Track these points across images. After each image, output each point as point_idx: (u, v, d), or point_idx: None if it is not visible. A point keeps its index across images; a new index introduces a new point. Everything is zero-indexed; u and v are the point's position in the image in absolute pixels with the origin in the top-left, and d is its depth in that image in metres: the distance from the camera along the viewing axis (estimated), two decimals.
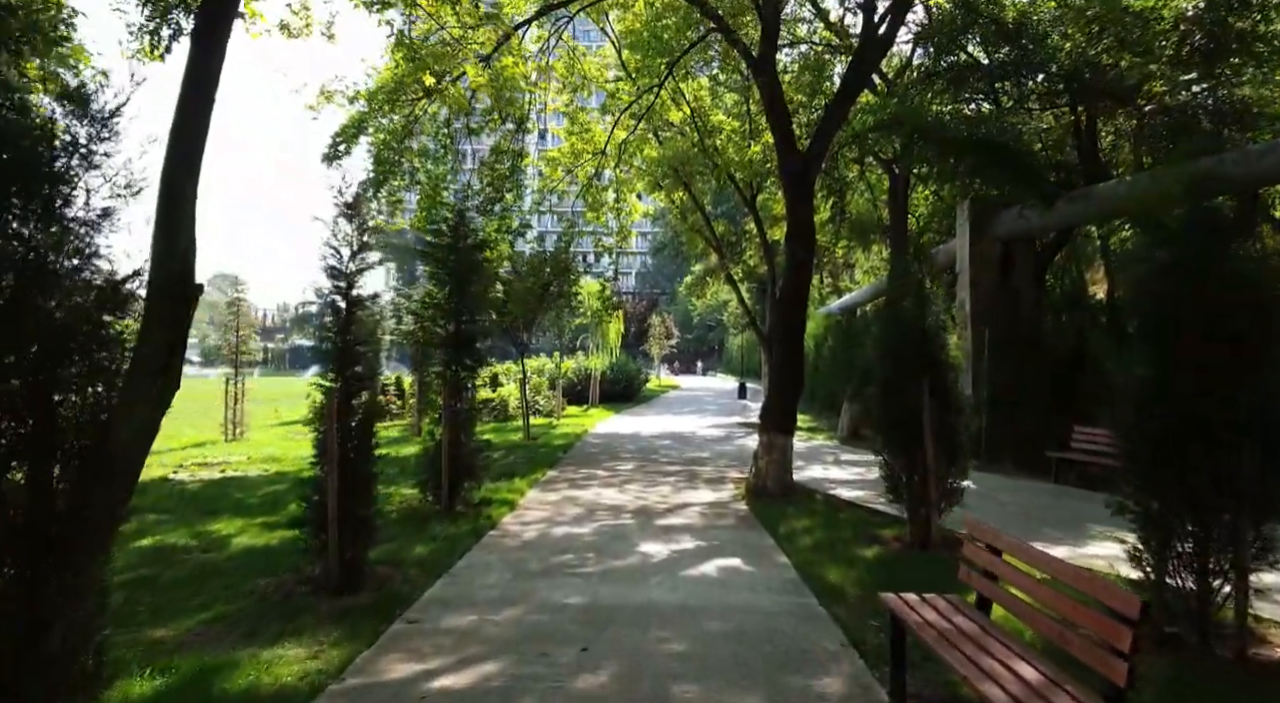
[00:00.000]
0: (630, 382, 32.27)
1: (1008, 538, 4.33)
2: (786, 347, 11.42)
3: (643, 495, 10.77)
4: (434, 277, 9.46)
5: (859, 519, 9.40)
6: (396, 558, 7.03)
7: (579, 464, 13.83)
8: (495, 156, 15.83)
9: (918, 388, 7.81)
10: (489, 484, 10.96)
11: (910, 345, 8.02)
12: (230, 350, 17.60)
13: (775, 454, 10.98)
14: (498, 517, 9.03)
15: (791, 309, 11.47)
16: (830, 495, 11.00)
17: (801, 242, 11.63)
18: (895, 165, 20.41)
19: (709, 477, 12.68)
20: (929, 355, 7.96)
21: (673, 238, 44.87)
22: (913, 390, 7.85)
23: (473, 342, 9.52)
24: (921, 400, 7.77)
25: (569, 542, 7.91)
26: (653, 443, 17.61)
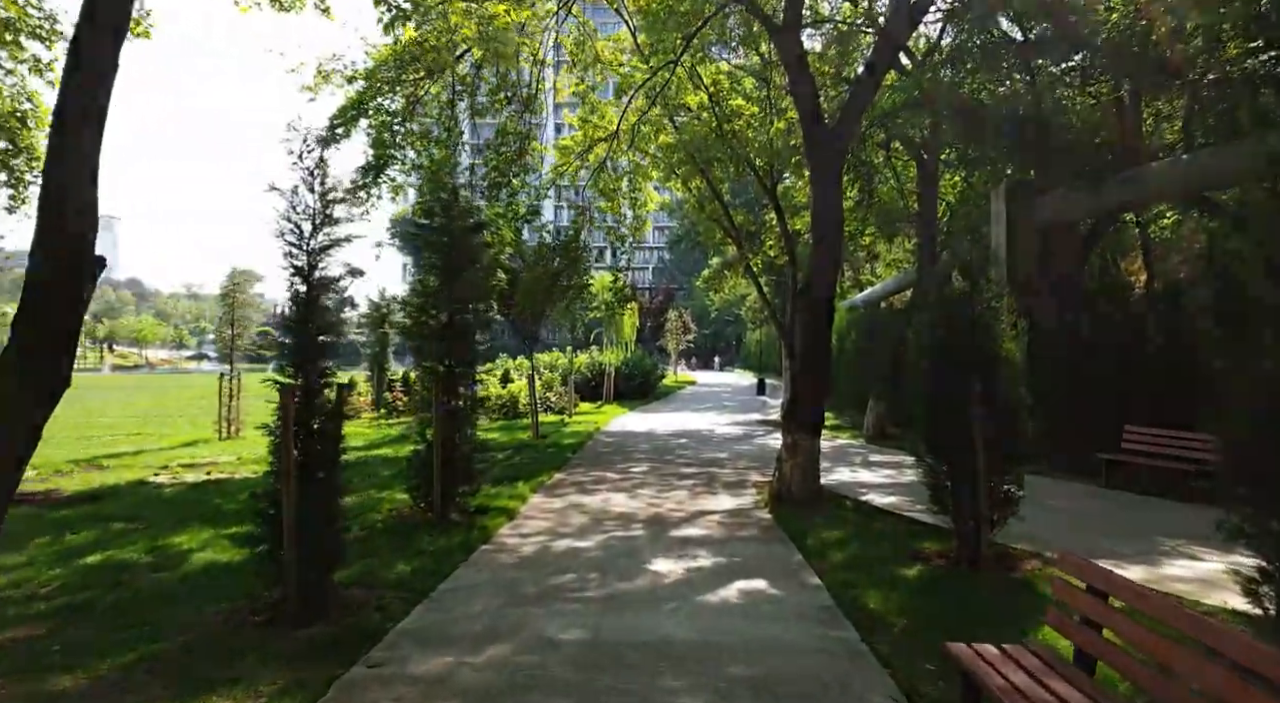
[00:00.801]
0: (646, 377, 31.35)
1: (1118, 577, 3.37)
2: (812, 338, 10.47)
3: (656, 502, 9.87)
4: (425, 262, 8.60)
5: (896, 531, 8.44)
6: (373, 578, 6.18)
7: (589, 466, 12.94)
8: (501, 139, 14.95)
9: (967, 386, 6.85)
10: (489, 489, 10.11)
11: (958, 338, 7.06)
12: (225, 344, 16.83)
13: (801, 457, 10.04)
14: (494, 528, 8.16)
15: (818, 297, 10.51)
16: (861, 502, 10.06)
17: (828, 225, 10.67)
18: (924, 150, 19.39)
19: (728, 480, 11.76)
20: (980, 349, 6.99)
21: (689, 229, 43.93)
22: (961, 389, 6.89)
23: (467, 333, 8.65)
24: (971, 400, 6.82)
25: (571, 559, 7.02)
26: (668, 442, 16.70)
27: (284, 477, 5.11)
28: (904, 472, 13.00)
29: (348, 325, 5.20)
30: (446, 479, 8.36)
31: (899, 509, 9.49)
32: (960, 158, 17.53)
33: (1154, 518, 9.04)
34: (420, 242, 8.57)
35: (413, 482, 8.57)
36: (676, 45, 15.03)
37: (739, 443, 16.87)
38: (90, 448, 14.73)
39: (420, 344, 8.64)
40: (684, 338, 47.88)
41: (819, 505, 9.69)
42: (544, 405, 22.98)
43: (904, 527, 8.67)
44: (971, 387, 6.83)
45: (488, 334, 11.28)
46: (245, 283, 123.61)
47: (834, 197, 10.85)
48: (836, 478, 11.75)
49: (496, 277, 11.46)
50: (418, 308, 8.65)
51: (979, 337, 7.04)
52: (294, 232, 5.36)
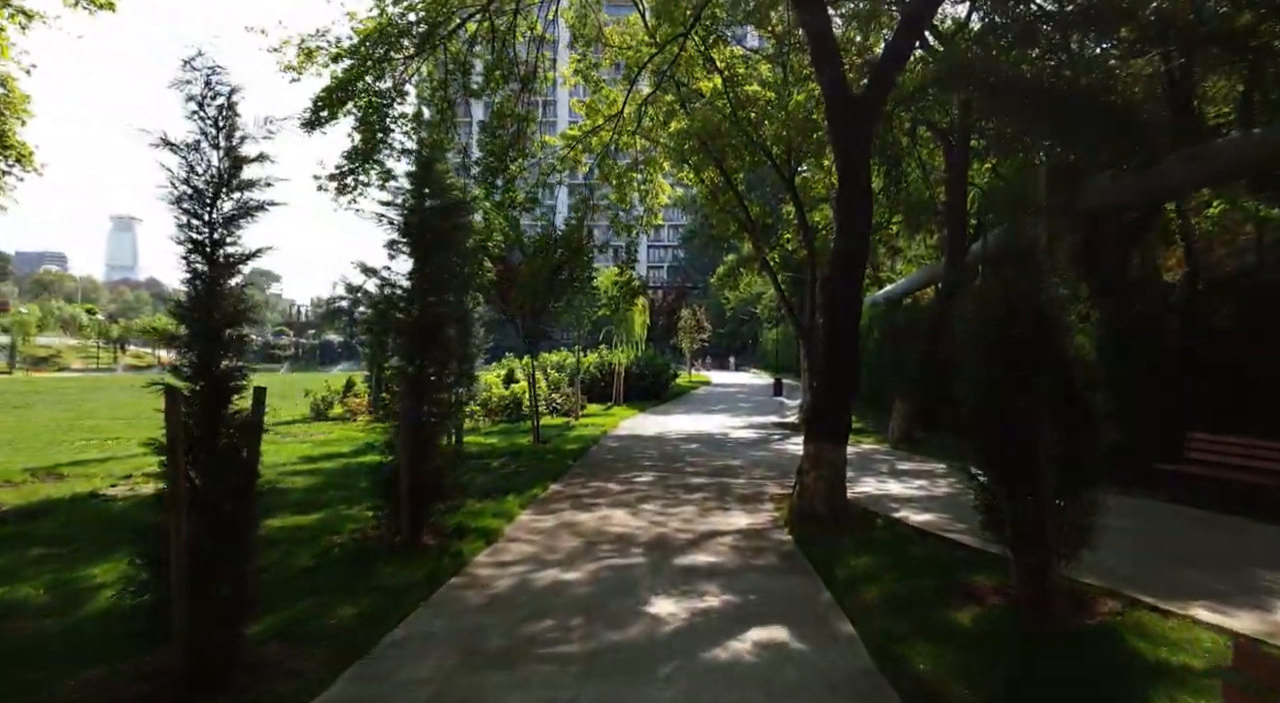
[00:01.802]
0: (658, 377, 30.16)
1: None
2: (837, 336, 9.27)
3: (660, 520, 8.70)
4: (391, 245, 7.48)
5: (938, 558, 7.23)
6: (303, 628, 5.04)
7: (589, 476, 11.79)
8: (497, 121, 13.82)
9: (1031, 390, 5.65)
10: (473, 504, 9.01)
11: (1021, 333, 5.85)
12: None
13: (825, 469, 8.85)
14: (470, 554, 7.03)
15: (843, 287, 9.31)
16: (893, 519, 8.86)
17: (855, 206, 9.47)
18: (952, 136, 18.12)
19: (742, 492, 10.58)
20: (1047, 347, 5.78)
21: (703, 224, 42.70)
22: (1024, 394, 5.69)
23: (439, 327, 7.52)
24: (1036, 410, 5.62)
25: (553, 597, 5.86)
26: (678, 448, 15.53)
27: (171, 509, 3.98)
28: (936, 482, 11.80)
29: (256, 313, 4.11)
30: (417, 498, 7.24)
31: (939, 530, 8.28)
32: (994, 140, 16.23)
33: (1237, 542, 7.79)
34: (385, 222, 7.45)
35: (378, 500, 7.45)
36: (686, 18, 13.86)
37: (754, 449, 15.67)
38: (57, 454, 13.75)
39: (387, 341, 7.51)
40: (698, 337, 46.59)
41: (846, 525, 8.49)
42: (549, 407, 21.88)
43: (946, 552, 7.47)
44: (1037, 391, 5.64)
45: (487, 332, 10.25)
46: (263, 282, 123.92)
47: (859, 173, 9.64)
48: (862, 490, 10.55)
49: (483, 265, 10.27)
50: (384, 299, 7.52)
51: (1045, 330, 5.84)
52: (192, 197, 4.23)
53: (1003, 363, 5.91)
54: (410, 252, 7.51)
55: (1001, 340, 5.90)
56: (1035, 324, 5.83)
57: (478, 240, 9.77)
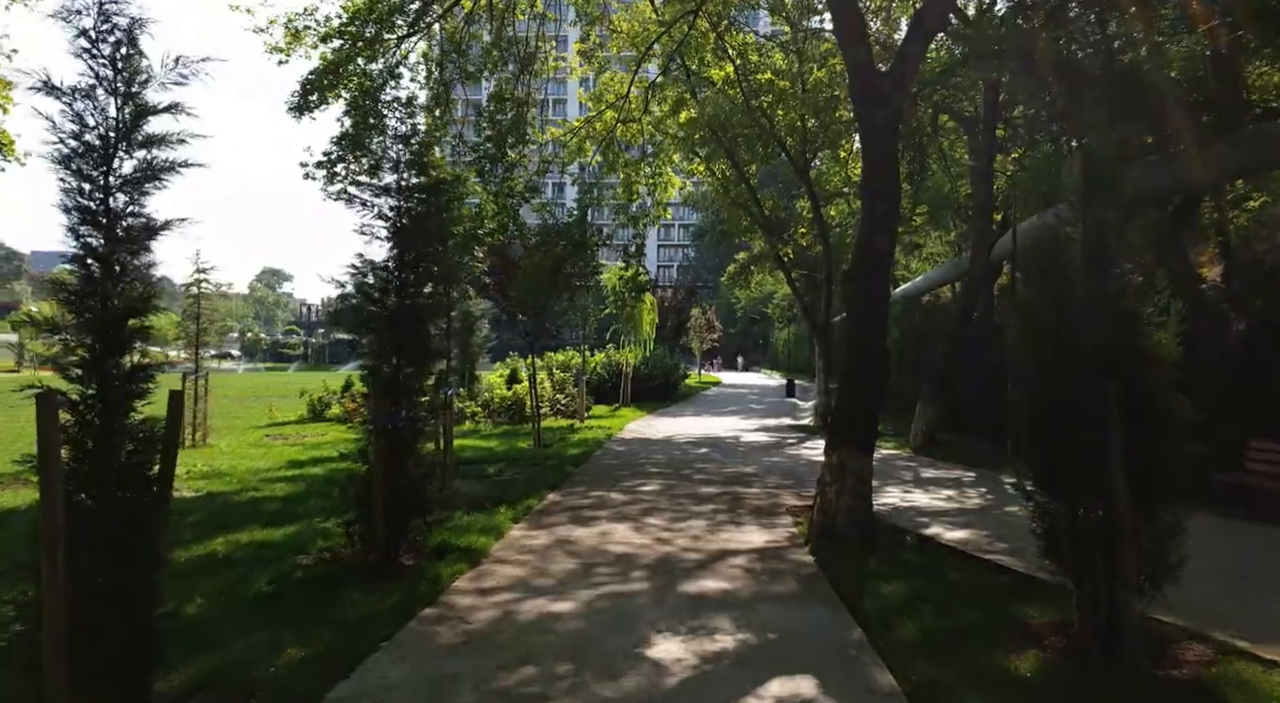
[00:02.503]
0: (667, 378, 29.31)
1: None
2: (862, 333, 8.41)
3: (666, 537, 7.86)
4: (364, 230, 6.67)
5: (981, 585, 6.38)
6: (239, 675, 4.22)
7: (590, 484, 10.96)
8: (496, 105, 12.99)
9: (1100, 395, 4.78)
10: (461, 517, 8.21)
11: (1086, 325, 4.99)
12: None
13: (850, 481, 7.98)
14: (450, 578, 6.20)
15: (868, 278, 8.44)
16: (924, 536, 8.01)
17: (882, 191, 8.60)
18: (977, 124, 17.21)
19: (757, 503, 9.73)
20: (1120, 344, 4.91)
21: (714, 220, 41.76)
22: (1091, 397, 4.83)
23: (419, 321, 6.70)
24: (1107, 415, 4.75)
25: (538, 634, 5.03)
26: (687, 453, 14.67)
27: (46, 543, 3.18)
28: (966, 492, 10.93)
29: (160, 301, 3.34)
30: (392, 513, 6.42)
31: (977, 550, 7.42)
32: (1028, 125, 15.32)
33: None
34: (358, 203, 6.64)
35: (349, 515, 6.64)
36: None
37: (768, 453, 14.80)
38: None
39: (360, 337, 6.70)
40: (708, 337, 45.72)
41: (874, 543, 7.63)
42: (553, 409, 21.08)
43: (989, 578, 6.61)
44: (1106, 395, 4.77)
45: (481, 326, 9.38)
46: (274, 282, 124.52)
47: (886, 155, 8.76)
48: (886, 501, 9.69)
49: (473, 254, 9.40)
50: (358, 289, 6.70)
51: (1117, 323, 4.97)
52: (83, 154, 3.42)
53: (1067, 362, 5.05)
54: (386, 236, 6.71)
55: (1065, 336, 5.04)
56: (1105, 317, 4.96)
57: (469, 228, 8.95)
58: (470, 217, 9.25)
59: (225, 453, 13.64)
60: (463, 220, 8.83)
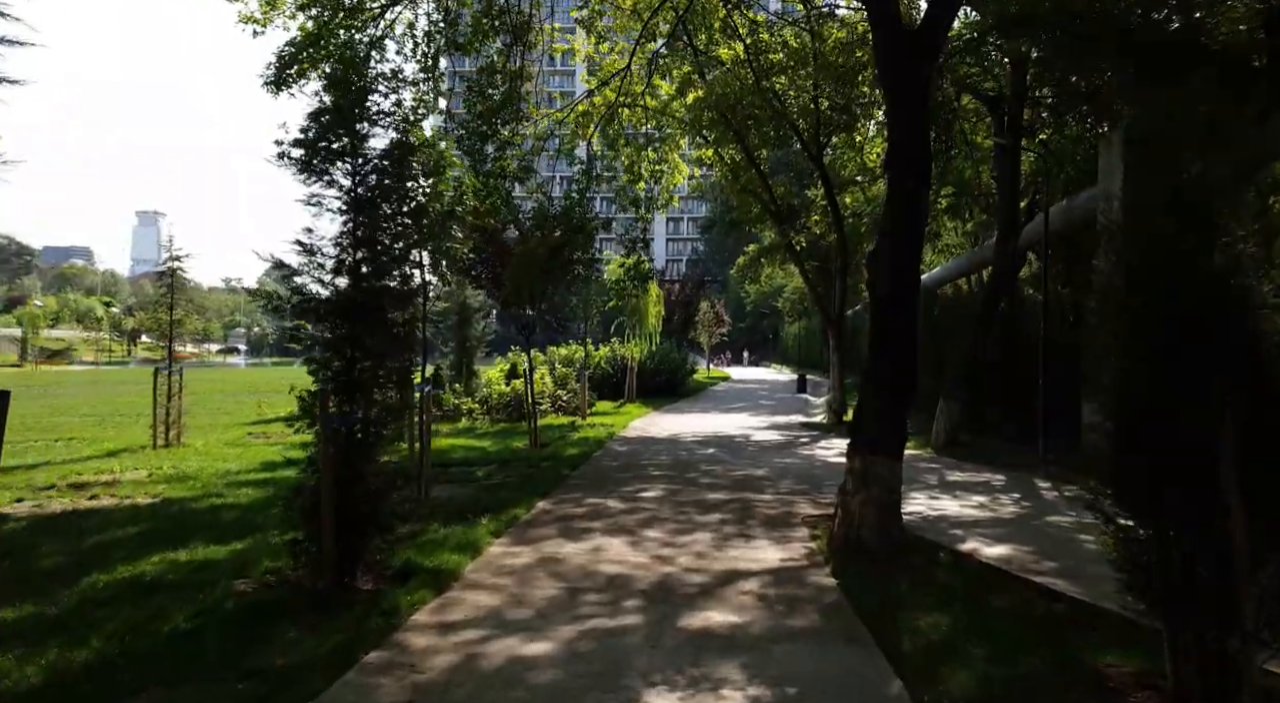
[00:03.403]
0: (674, 373, 28.33)
1: None
2: (890, 323, 7.43)
3: (666, 553, 6.91)
4: (313, 200, 5.72)
5: (1035, 615, 5.41)
6: None
7: (587, 489, 10.03)
8: (486, 78, 12.03)
9: (1207, 395, 3.80)
10: (436, 529, 7.30)
11: (1188, 307, 4.01)
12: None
13: (876, 489, 7.03)
14: (408, 608, 5.26)
15: (896, 260, 7.46)
16: (959, 552, 7.03)
17: (910, 165, 7.61)
18: (1003, 102, 16.12)
19: (769, 512, 8.76)
20: (1233, 330, 3.93)
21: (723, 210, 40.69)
22: (1194, 397, 3.85)
23: (378, 307, 5.76)
24: (1217, 419, 3.77)
25: (502, 691, 4.07)
26: (693, 453, 13.71)
27: None
28: (998, 499, 9.93)
29: None
30: (345, 530, 5.50)
31: (1023, 570, 6.44)
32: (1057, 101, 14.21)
33: None
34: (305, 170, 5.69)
35: (294, 535, 5.71)
36: None
37: (780, 454, 13.82)
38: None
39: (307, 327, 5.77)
40: (717, 331, 44.71)
41: (904, 561, 6.68)
42: (554, 406, 20.15)
43: (1042, 605, 5.64)
44: (1216, 394, 3.79)
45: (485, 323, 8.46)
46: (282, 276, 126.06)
47: (915, 125, 7.77)
48: (913, 509, 8.71)
49: (450, 233, 8.36)
50: (304, 270, 5.76)
51: (1226, 307, 3.98)
52: None
53: (1154, 351, 4.07)
54: (340, 207, 5.77)
55: (1160, 321, 4.06)
56: (1211, 298, 3.98)
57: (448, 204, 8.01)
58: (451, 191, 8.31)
59: (199, 453, 12.77)
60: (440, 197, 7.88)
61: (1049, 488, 10.73)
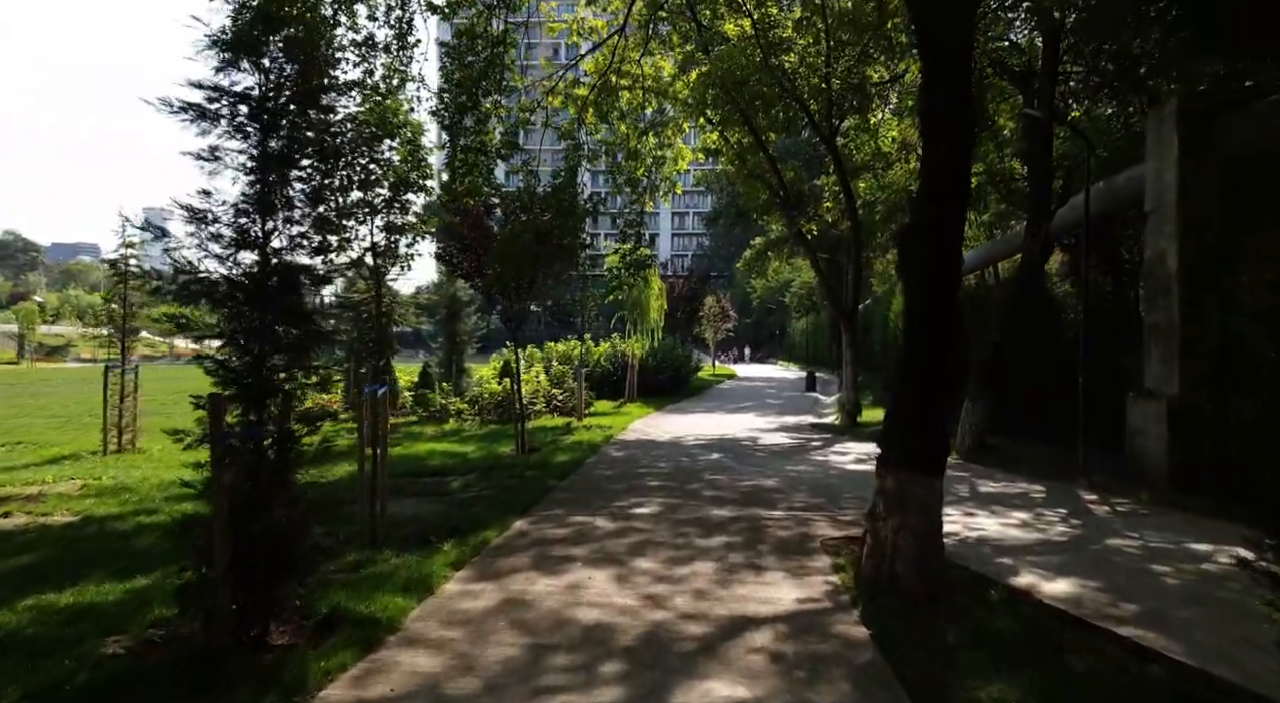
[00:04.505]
0: (677, 370, 27.09)
1: None
2: (929, 306, 6.19)
3: (660, 591, 5.69)
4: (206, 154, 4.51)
5: (1125, 681, 4.20)
6: None
7: (573, 504, 8.82)
8: (467, 43, 10.79)
9: None
10: (390, 556, 6.11)
11: None
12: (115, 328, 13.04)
13: (913, 513, 5.80)
14: (320, 678, 4.07)
15: (937, 236, 6.22)
16: (1015, 591, 5.82)
17: (948, 124, 6.36)
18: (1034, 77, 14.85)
19: (782, 533, 7.55)
20: None
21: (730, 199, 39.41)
22: None
23: (293, 290, 4.57)
24: None
25: None
26: (696, 459, 12.49)
27: None
28: (1042, 514, 8.70)
29: None
30: (250, 573, 4.32)
31: (1099, 616, 5.21)
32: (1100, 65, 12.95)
33: None
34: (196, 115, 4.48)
35: (185, 576, 4.51)
36: None
37: (792, 459, 12.59)
38: None
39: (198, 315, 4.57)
40: (722, 327, 43.43)
41: (948, 603, 5.47)
42: (549, 405, 18.95)
43: (1132, 668, 4.43)
44: None
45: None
46: None
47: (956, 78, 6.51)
48: (947, 527, 7.32)
49: (405, 207, 7.07)
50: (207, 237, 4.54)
51: None
52: None
53: None
54: (245, 164, 4.56)
55: None
56: None
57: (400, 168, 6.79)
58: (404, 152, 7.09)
59: (152, 460, 11.61)
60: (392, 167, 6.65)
61: (1095, 501, 9.50)
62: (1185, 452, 9.93)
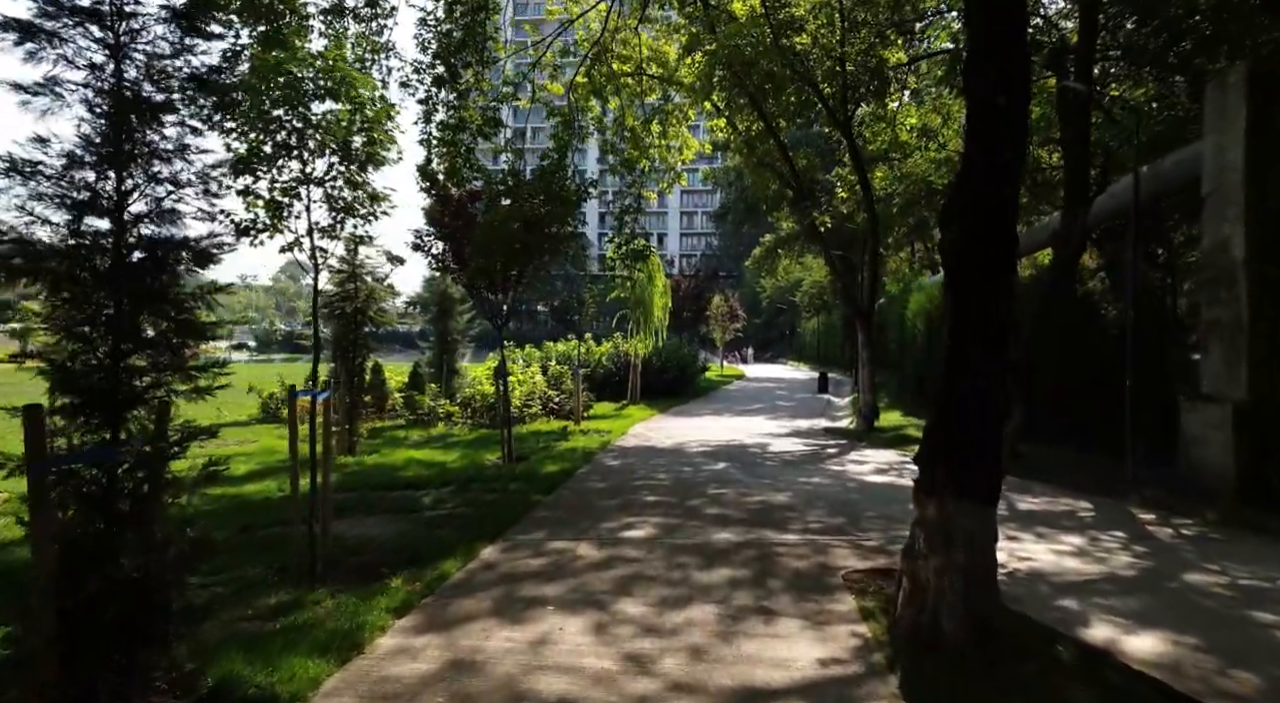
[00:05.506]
0: (683, 371, 25.92)
1: None
2: (980, 294, 5.03)
3: (646, 649, 4.57)
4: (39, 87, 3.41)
5: None
6: None
7: (556, 525, 7.70)
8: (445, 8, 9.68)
9: None
10: (324, 597, 5.02)
11: None
12: None
13: (962, 552, 4.67)
14: None
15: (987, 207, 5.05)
16: (1092, 650, 4.67)
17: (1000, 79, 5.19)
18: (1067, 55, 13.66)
19: (797, 565, 6.40)
20: None
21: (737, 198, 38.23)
22: None
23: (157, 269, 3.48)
24: None
25: None
26: (699, 470, 11.34)
27: None
28: (1097, 539, 7.53)
29: None
30: (93, 640, 3.22)
31: (1210, 691, 4.06)
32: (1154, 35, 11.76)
33: None
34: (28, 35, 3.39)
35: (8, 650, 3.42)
36: None
37: (805, 470, 11.42)
38: None
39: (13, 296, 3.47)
40: (731, 326, 42.21)
41: (1008, 668, 4.33)
42: (545, 408, 17.84)
43: None
44: None
45: None
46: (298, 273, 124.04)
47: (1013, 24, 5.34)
48: None
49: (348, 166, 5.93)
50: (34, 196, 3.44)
51: None
52: None
53: None
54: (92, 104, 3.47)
55: None
56: None
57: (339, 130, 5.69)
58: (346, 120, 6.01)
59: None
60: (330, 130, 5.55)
61: (1154, 521, 8.32)
62: (1255, 463, 8.77)
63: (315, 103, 5.66)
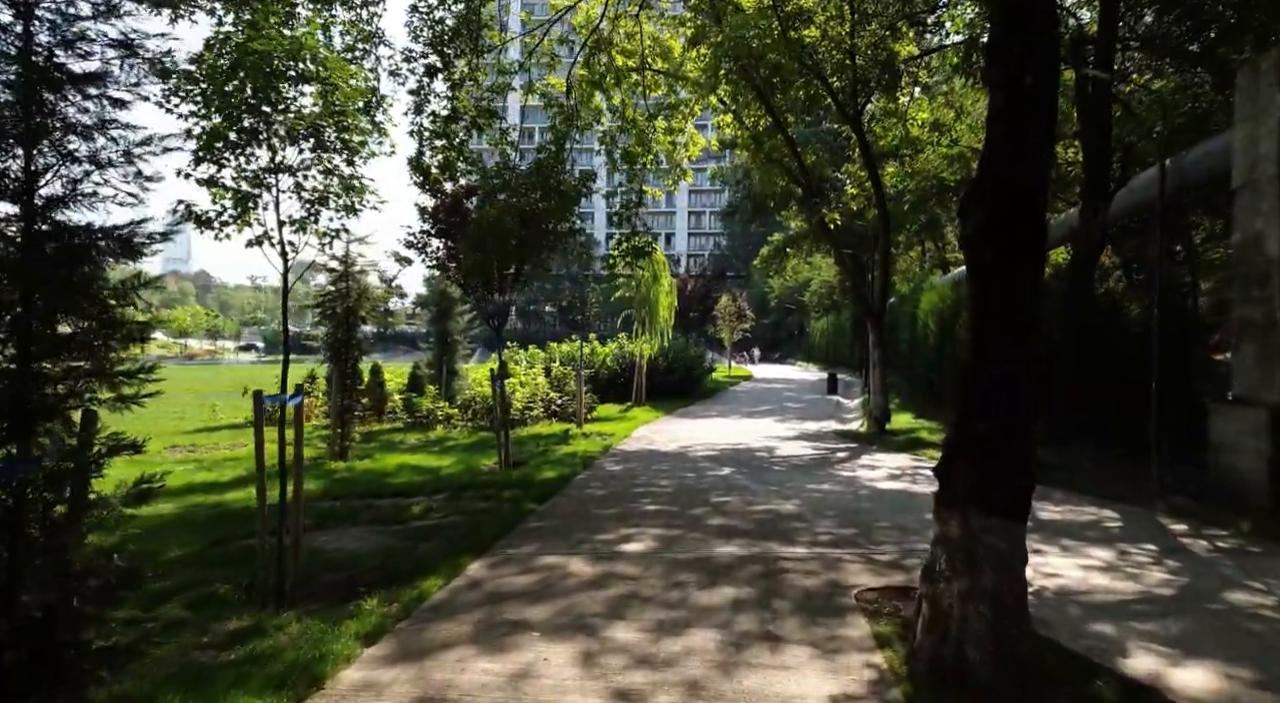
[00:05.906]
0: (689, 372, 25.44)
1: None
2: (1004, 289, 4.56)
3: (638, 682, 4.12)
4: None
5: None
6: None
7: (549, 537, 7.26)
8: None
9: None
10: (291, 623, 4.59)
11: None
12: None
13: (989, 573, 4.21)
14: None
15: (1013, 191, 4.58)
16: (1135, 686, 4.20)
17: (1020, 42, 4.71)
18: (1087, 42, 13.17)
19: (805, 582, 5.93)
20: None
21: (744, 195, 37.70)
22: None
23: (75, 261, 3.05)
24: None
25: None
26: (703, 475, 10.89)
27: None
28: (1125, 552, 7.03)
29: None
30: None
31: None
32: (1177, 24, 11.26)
33: None
34: None
35: None
36: None
37: (814, 476, 10.94)
38: None
39: None
40: (739, 326, 41.71)
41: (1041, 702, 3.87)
42: (547, 410, 17.42)
43: None
44: None
45: None
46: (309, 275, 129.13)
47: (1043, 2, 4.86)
48: None
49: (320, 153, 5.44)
50: None
51: None
52: None
53: None
54: None
55: None
56: None
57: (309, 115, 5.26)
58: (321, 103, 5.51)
59: None
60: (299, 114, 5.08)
61: (1186, 532, 7.81)
62: None
63: (286, 86, 5.23)
